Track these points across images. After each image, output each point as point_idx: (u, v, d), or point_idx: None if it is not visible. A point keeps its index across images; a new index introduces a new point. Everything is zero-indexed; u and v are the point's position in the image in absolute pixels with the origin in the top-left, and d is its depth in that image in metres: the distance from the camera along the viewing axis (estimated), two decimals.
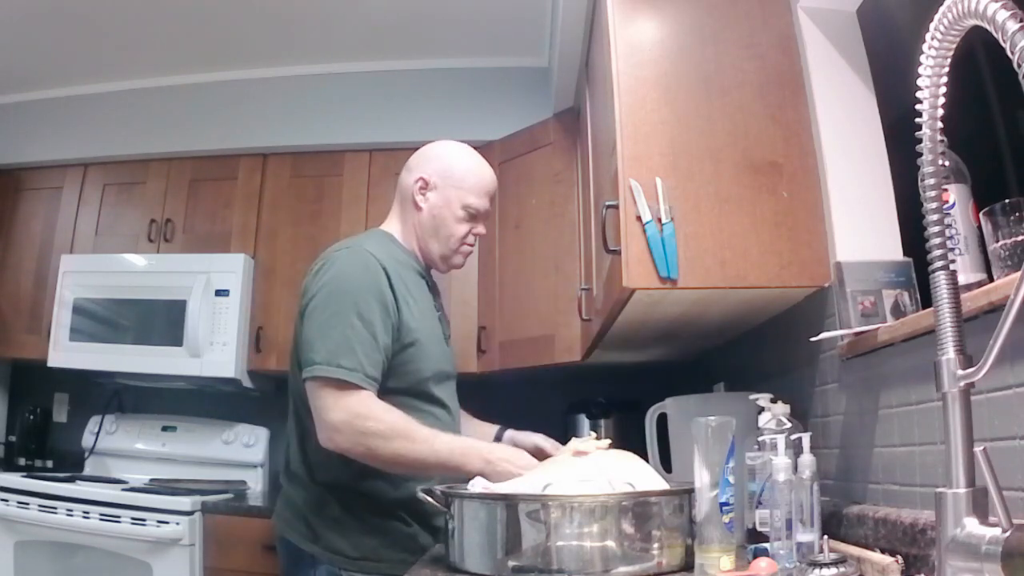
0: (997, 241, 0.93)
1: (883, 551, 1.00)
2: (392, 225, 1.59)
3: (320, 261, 1.45)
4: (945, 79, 0.72)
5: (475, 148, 2.82)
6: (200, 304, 2.71)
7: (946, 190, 1.04)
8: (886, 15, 1.68)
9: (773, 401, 1.23)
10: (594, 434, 1.31)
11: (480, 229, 1.59)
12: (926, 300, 0.88)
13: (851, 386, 1.28)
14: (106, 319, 2.81)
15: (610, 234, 1.48)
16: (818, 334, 1.31)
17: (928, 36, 0.71)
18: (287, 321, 2.54)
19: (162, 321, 2.76)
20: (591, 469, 1.17)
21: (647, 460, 1.37)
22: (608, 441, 1.26)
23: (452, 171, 1.56)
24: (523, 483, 1.20)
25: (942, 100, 0.72)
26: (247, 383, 2.81)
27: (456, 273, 2.74)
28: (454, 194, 1.54)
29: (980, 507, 0.67)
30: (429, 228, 1.55)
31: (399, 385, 1.41)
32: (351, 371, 1.29)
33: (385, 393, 1.37)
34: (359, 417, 1.29)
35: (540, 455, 1.48)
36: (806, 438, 1.08)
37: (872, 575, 0.96)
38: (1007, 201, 0.92)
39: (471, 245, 1.60)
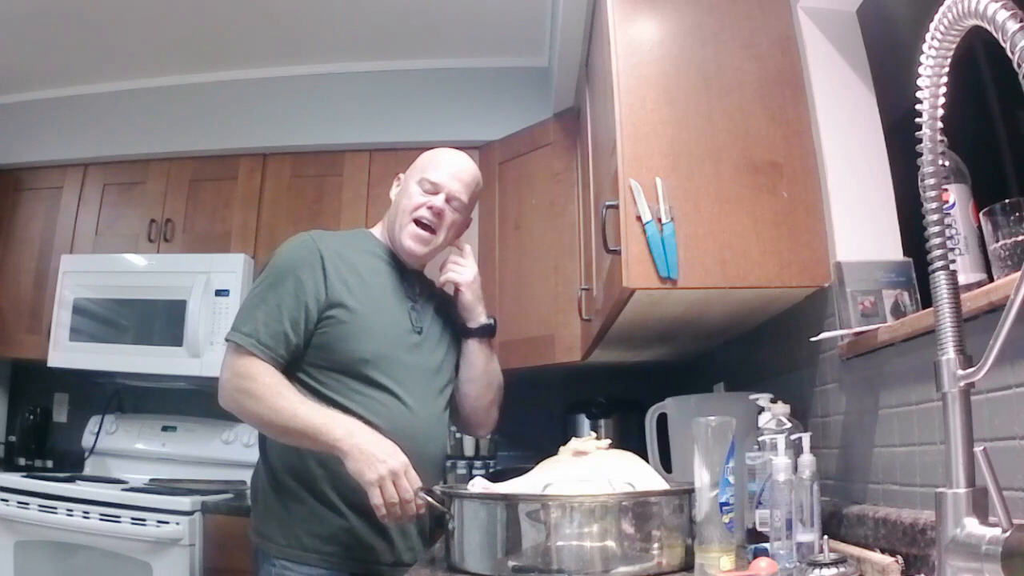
0: (997, 241, 0.93)
1: (883, 551, 1.00)
2: (377, 227, 1.61)
3: None
4: (945, 79, 0.72)
5: (475, 148, 2.80)
6: (200, 304, 2.71)
7: (946, 190, 1.04)
8: (886, 15, 1.68)
9: (773, 401, 1.22)
10: (594, 434, 1.31)
11: (436, 201, 1.49)
12: (926, 300, 0.88)
13: (851, 386, 1.28)
14: (106, 319, 2.81)
15: (610, 234, 1.48)
16: (818, 334, 1.31)
17: (928, 36, 0.71)
18: None
19: (162, 321, 2.76)
20: (591, 469, 1.17)
21: (647, 460, 1.37)
22: (608, 441, 1.26)
23: (417, 161, 1.59)
24: (523, 483, 1.20)
25: (942, 100, 0.72)
26: None
27: None
28: (411, 177, 1.55)
29: (980, 507, 0.67)
30: (392, 214, 1.55)
31: (330, 363, 1.39)
32: (245, 336, 1.34)
33: (316, 369, 1.39)
34: (238, 376, 1.34)
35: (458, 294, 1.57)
36: (806, 438, 1.08)
37: (872, 575, 0.96)
38: (1007, 201, 0.92)
39: (425, 224, 1.49)
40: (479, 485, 1.22)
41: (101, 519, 2.33)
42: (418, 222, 1.49)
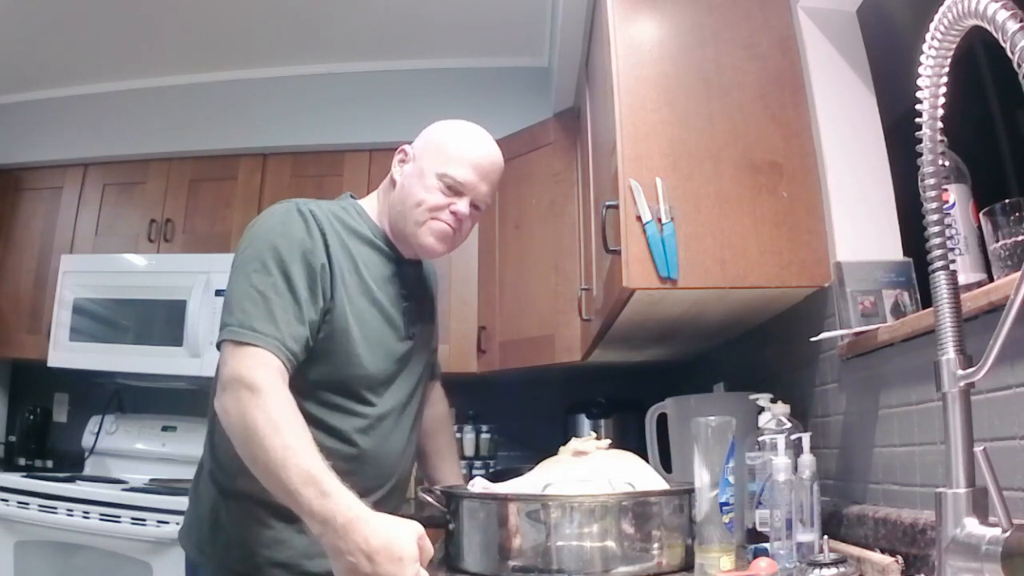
0: (997, 241, 0.93)
1: (883, 551, 1.00)
2: (368, 200, 1.38)
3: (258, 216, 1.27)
4: (945, 79, 0.72)
5: None
6: (200, 304, 2.71)
7: (946, 190, 1.04)
8: (886, 15, 1.68)
9: (773, 401, 1.23)
10: (594, 434, 1.31)
11: (460, 206, 1.28)
12: (926, 300, 0.88)
13: (851, 386, 1.28)
14: (106, 319, 2.81)
15: (610, 234, 1.48)
16: (818, 334, 1.31)
17: (928, 36, 0.71)
18: None
19: (162, 321, 2.76)
20: (591, 469, 1.17)
21: (647, 460, 1.37)
22: (608, 441, 1.26)
23: (432, 140, 1.34)
24: (523, 483, 1.20)
25: (942, 100, 0.72)
26: None
27: (456, 273, 2.77)
28: (428, 163, 1.30)
29: (980, 507, 0.67)
30: (398, 202, 1.31)
31: (315, 375, 1.18)
32: (268, 338, 1.08)
33: (305, 385, 1.15)
34: (248, 389, 1.03)
35: None
36: (806, 438, 1.08)
37: (872, 575, 0.96)
38: (1007, 201, 0.92)
39: (448, 223, 1.28)
40: (479, 485, 1.22)
41: (101, 519, 2.33)
42: (437, 220, 1.28)
